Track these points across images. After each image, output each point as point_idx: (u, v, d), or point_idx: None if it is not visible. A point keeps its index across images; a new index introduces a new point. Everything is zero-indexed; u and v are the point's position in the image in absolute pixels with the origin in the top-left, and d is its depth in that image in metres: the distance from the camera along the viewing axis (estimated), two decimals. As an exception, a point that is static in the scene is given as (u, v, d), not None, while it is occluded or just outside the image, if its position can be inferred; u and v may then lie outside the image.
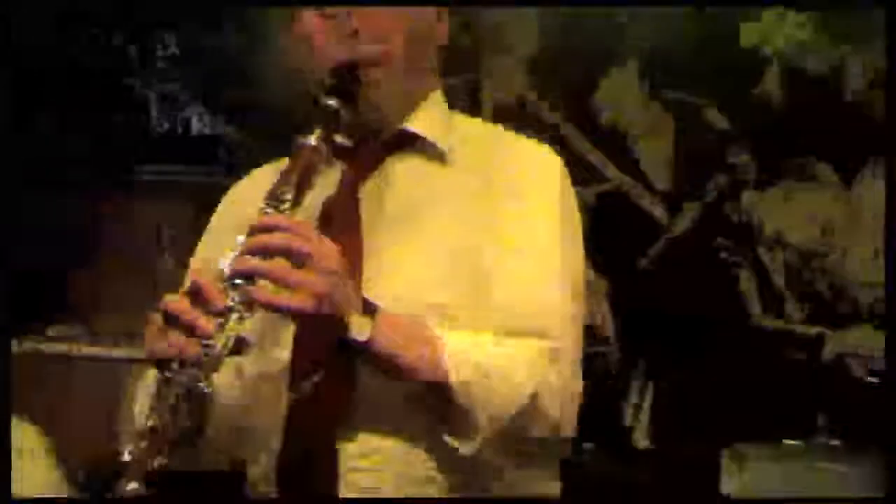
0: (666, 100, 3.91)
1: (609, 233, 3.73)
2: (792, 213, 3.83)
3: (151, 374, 1.64)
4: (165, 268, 3.80)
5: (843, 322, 3.73)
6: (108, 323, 3.87)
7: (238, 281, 1.56)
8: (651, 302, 3.84)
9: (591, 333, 3.70)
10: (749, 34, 3.78)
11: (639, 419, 3.80)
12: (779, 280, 3.83)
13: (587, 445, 3.50)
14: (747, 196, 3.86)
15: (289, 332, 1.68)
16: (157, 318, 1.56)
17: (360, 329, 1.59)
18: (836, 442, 3.42)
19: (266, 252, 1.57)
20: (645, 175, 3.95)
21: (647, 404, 3.80)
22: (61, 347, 3.80)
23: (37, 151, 3.83)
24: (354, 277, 1.67)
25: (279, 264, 1.57)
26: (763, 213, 3.85)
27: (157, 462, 1.51)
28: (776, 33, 3.82)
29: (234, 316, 1.55)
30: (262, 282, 1.56)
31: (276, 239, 1.57)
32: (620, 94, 3.94)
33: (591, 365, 3.21)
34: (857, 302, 3.75)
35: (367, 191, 1.79)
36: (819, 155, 3.75)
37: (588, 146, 3.94)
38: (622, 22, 3.91)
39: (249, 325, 1.60)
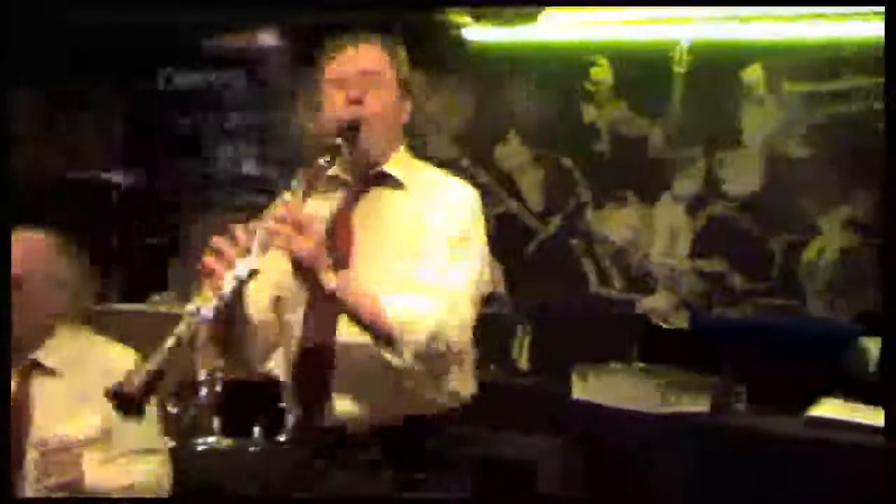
0: (538, 155, 4.57)
1: (503, 236, 4.39)
2: (615, 223, 4.41)
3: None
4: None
5: (646, 291, 4.35)
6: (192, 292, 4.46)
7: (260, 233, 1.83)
8: (530, 278, 4.49)
9: (494, 297, 4.27)
10: (586, 112, 4.44)
11: (521, 350, 4.33)
12: (607, 265, 4.42)
13: (492, 366, 4.09)
14: (588, 212, 4.47)
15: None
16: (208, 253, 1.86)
17: (328, 281, 1.91)
18: (641, 365, 3.82)
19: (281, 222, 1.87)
20: (525, 200, 4.59)
21: (527, 340, 4.33)
22: (160, 308, 4.43)
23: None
24: (347, 264, 1.97)
25: (287, 229, 1.86)
26: (597, 223, 4.45)
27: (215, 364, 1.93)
28: (605, 111, 4.41)
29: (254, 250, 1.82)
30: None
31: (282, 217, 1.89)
32: (510, 153, 4.61)
33: (494, 318, 4.07)
34: (654, 278, 4.33)
35: (359, 209, 2.10)
36: (630, 188, 4.39)
37: (493, 183, 4.60)
38: (513, 110, 4.55)
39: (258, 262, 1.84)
